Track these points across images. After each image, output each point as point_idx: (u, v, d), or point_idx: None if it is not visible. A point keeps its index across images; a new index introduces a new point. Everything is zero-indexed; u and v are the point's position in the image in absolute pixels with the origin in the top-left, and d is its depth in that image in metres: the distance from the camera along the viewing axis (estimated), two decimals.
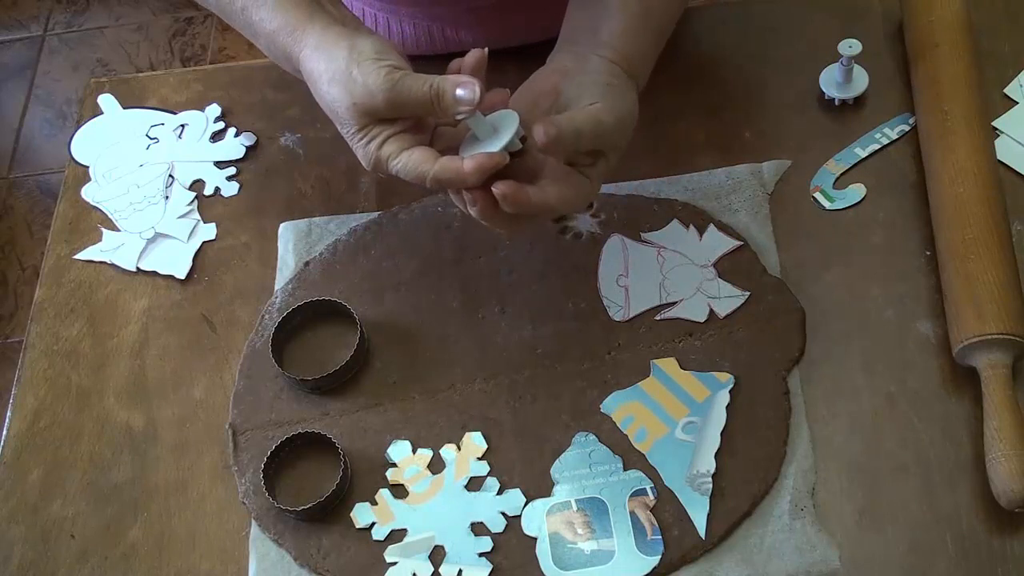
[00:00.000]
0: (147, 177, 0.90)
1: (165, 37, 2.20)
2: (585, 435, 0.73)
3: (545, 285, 0.80)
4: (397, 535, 0.71)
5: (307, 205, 0.87)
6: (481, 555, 0.70)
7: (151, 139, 0.92)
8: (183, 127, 0.93)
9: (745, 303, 0.77)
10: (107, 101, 0.95)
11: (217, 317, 0.83)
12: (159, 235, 0.87)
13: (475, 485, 0.73)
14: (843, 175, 0.83)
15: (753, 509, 0.70)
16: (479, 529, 0.71)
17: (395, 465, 0.74)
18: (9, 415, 0.80)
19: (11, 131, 2.11)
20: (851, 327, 0.76)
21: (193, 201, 0.89)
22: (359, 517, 0.72)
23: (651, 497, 0.71)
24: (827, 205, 0.82)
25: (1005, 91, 0.85)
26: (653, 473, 0.71)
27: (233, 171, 0.90)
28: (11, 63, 2.22)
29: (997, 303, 0.71)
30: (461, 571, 0.70)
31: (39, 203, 2.00)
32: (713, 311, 0.77)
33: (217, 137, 0.92)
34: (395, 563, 0.70)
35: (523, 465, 0.73)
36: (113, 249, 0.87)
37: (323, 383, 0.77)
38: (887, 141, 0.84)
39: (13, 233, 1.97)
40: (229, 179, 0.90)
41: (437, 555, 0.71)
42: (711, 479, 0.70)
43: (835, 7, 0.91)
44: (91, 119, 0.95)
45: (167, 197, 0.89)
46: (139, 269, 0.86)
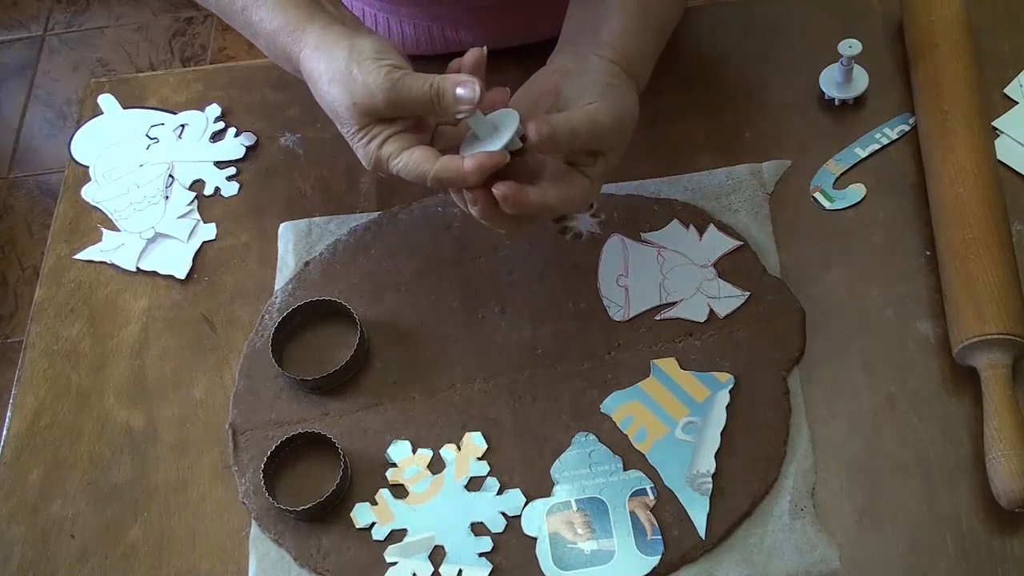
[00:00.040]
0: (147, 177, 0.90)
1: (165, 37, 2.20)
2: (585, 435, 0.73)
3: (545, 285, 0.80)
4: (397, 535, 0.71)
5: (307, 205, 0.87)
6: (481, 555, 0.70)
7: (151, 139, 0.92)
8: (183, 127, 0.93)
9: (745, 303, 0.77)
10: (107, 101, 0.95)
11: (217, 317, 0.83)
12: (159, 235, 0.87)
13: (475, 485, 0.73)
14: (843, 175, 0.83)
15: (753, 509, 0.70)
16: (479, 529, 0.71)
17: (395, 465, 0.74)
18: (9, 415, 0.80)
19: (11, 131, 2.11)
20: (851, 327, 0.76)
21: (193, 201, 0.89)
22: (359, 517, 0.72)
23: (651, 497, 0.70)
24: (827, 205, 0.82)
25: (1005, 91, 0.85)
26: (653, 473, 0.71)
27: (233, 171, 0.90)
28: (11, 63, 2.22)
29: (997, 303, 0.71)
30: (461, 571, 0.70)
31: (39, 203, 2.00)
32: (713, 311, 0.77)
33: (217, 137, 0.92)
34: (395, 563, 0.70)
35: (523, 465, 0.73)
36: (113, 249, 0.87)
37: (323, 383, 0.77)
38: (887, 141, 0.84)
39: (13, 233, 1.97)
40: (229, 179, 0.89)
41: (437, 555, 0.70)
42: (711, 479, 0.70)
43: (835, 7, 0.91)
44: (91, 119, 0.95)
45: (167, 197, 0.89)
46: (139, 269, 0.86)
